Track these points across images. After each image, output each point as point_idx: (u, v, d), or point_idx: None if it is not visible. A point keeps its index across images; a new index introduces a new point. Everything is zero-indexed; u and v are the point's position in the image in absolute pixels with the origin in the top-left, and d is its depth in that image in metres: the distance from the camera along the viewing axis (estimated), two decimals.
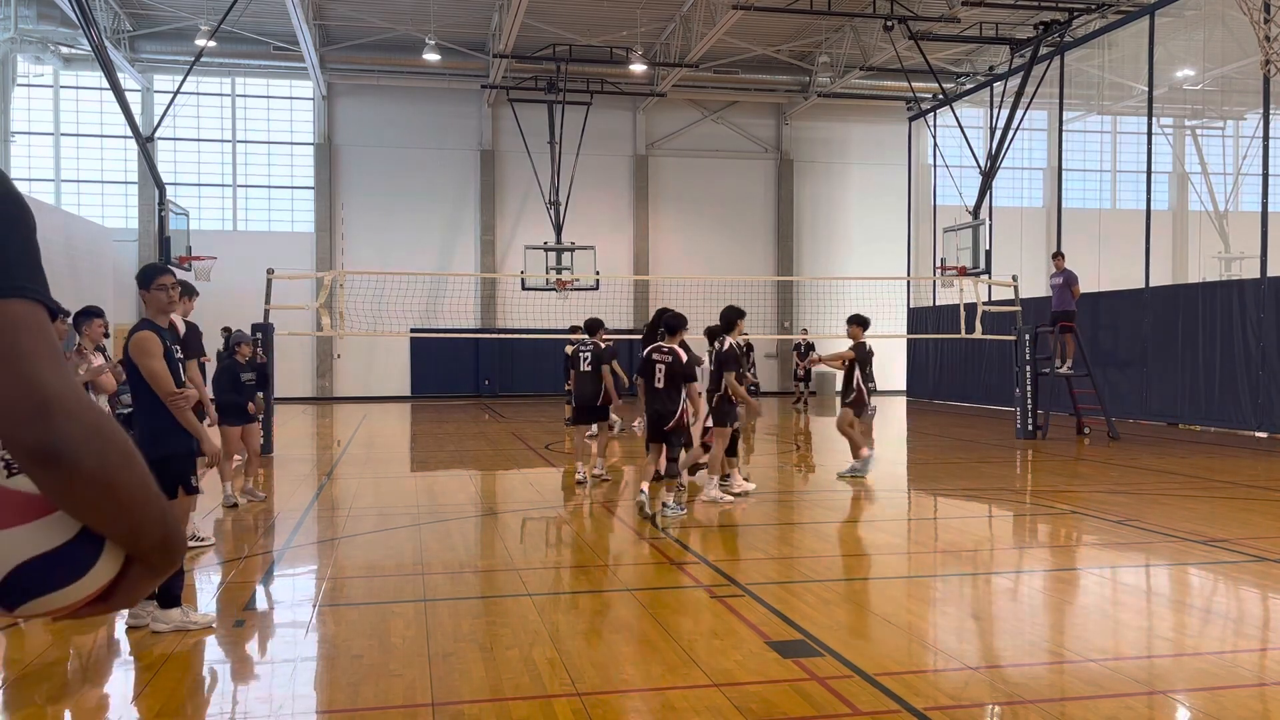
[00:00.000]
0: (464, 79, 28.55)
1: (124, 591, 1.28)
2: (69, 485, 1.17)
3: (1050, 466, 13.60)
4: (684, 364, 9.11)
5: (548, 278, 25.08)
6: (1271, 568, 7.08)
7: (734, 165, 31.30)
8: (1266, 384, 16.72)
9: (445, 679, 4.67)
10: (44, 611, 1.25)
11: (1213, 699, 4.41)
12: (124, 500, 1.20)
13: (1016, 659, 5.11)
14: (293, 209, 29.20)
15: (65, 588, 1.22)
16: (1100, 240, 25.20)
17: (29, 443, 1.14)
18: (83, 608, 1.27)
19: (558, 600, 6.30)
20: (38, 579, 1.21)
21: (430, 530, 8.59)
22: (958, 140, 22.28)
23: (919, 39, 20.80)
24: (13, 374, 1.14)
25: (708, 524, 9.03)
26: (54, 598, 1.23)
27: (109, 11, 24.59)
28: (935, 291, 26.96)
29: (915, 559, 7.83)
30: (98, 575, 1.24)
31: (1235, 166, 30.46)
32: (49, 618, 1.30)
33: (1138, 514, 9.28)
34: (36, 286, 1.19)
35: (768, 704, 4.32)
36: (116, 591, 1.28)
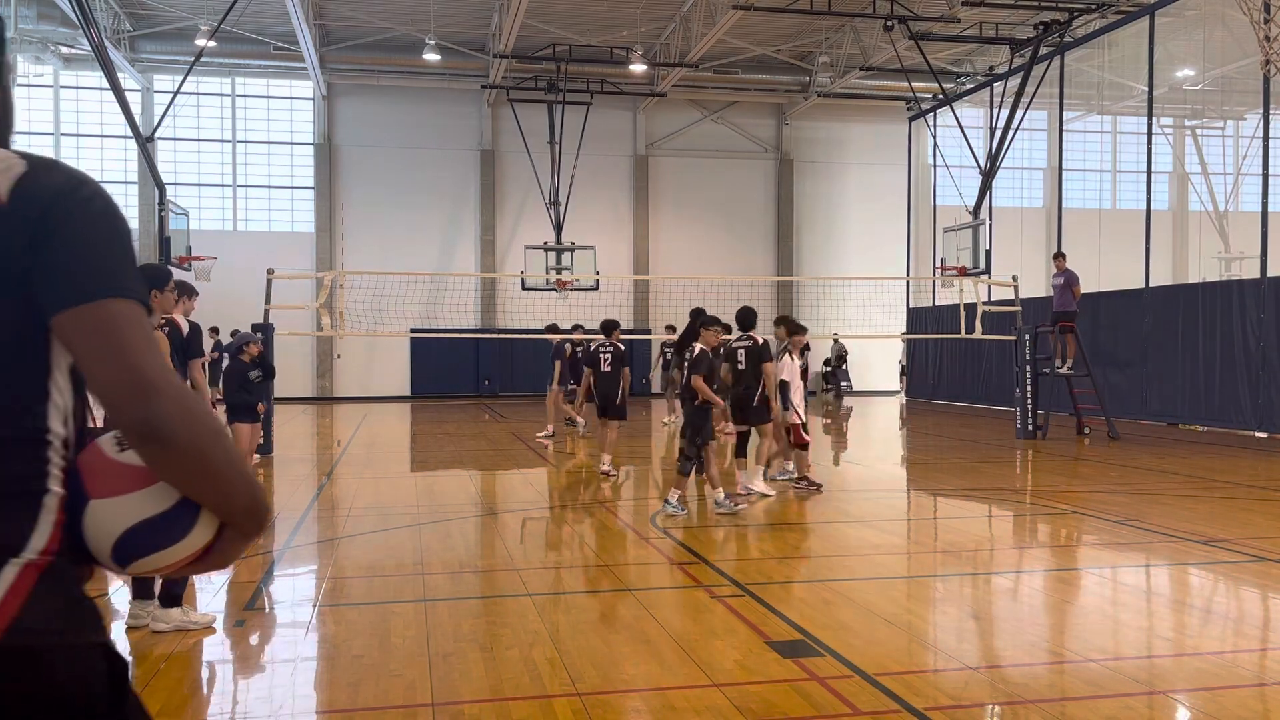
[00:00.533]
0: (464, 79, 28.55)
1: (219, 553, 1.48)
2: (166, 457, 1.37)
3: (1050, 466, 13.60)
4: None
5: (548, 278, 25.08)
6: (1271, 568, 7.08)
7: (734, 165, 31.30)
8: (1266, 384, 16.72)
9: (445, 679, 4.67)
10: (150, 569, 1.45)
11: (1213, 699, 4.41)
12: (213, 471, 1.40)
13: (1016, 659, 5.11)
14: (293, 209, 29.20)
15: (168, 548, 1.43)
16: (1100, 240, 25.19)
17: (133, 420, 1.35)
18: (184, 567, 1.47)
19: (558, 600, 6.30)
20: (145, 540, 1.41)
21: (430, 530, 8.59)
22: (958, 140, 22.27)
23: (919, 39, 20.80)
24: (119, 362, 1.35)
25: (708, 524, 9.03)
26: (158, 557, 1.44)
27: (109, 11, 24.59)
28: (935, 291, 26.96)
29: (915, 559, 7.83)
30: (195, 538, 1.44)
31: (1235, 166, 30.46)
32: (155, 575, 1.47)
33: (1138, 514, 9.28)
34: (136, 287, 1.41)
35: (768, 704, 4.32)
36: (212, 553, 1.47)
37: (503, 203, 29.95)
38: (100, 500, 1.41)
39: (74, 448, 1.46)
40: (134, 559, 1.43)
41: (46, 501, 1.40)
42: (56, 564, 1.39)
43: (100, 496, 1.41)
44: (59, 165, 1.47)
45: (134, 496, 1.41)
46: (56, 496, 1.42)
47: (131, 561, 1.44)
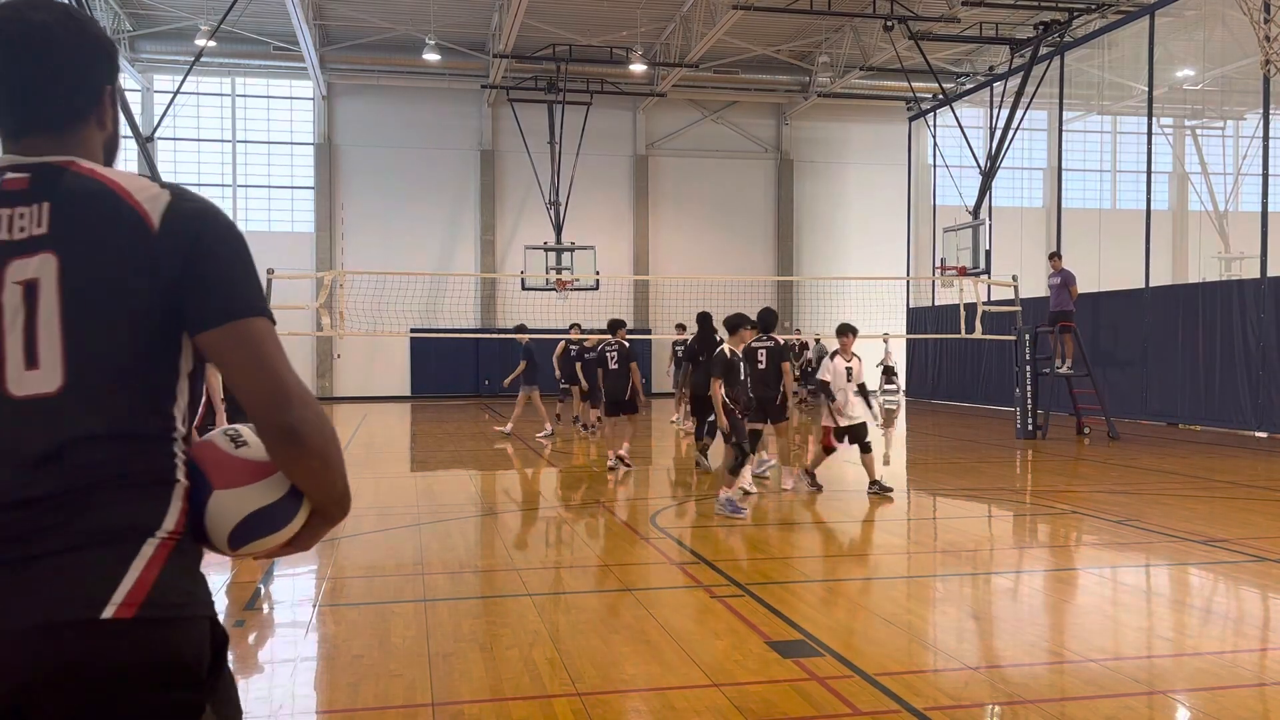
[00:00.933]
0: (464, 79, 28.55)
1: (307, 536, 1.71)
2: (301, 455, 1.59)
3: (1050, 466, 13.61)
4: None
5: (548, 278, 25.08)
6: (1271, 568, 7.08)
7: (734, 165, 31.30)
8: (1266, 384, 16.72)
9: (445, 679, 4.67)
10: (256, 551, 1.66)
11: (1213, 699, 4.41)
12: (330, 467, 1.63)
13: (1016, 659, 5.11)
14: (293, 209, 29.19)
15: (276, 532, 1.65)
16: (1100, 240, 25.19)
17: (277, 423, 1.57)
18: (278, 549, 1.69)
19: (558, 600, 6.30)
20: (260, 525, 1.63)
21: (430, 530, 8.59)
22: (958, 140, 22.27)
23: (919, 39, 20.80)
24: (264, 374, 1.57)
25: (708, 524, 9.03)
26: (266, 540, 1.65)
27: (109, 11, 24.57)
28: (935, 291, 26.96)
29: (915, 559, 7.84)
30: (296, 524, 1.67)
31: (1235, 166, 30.45)
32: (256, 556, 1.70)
33: (1138, 514, 9.28)
34: (266, 305, 1.62)
35: (768, 704, 4.32)
36: (302, 536, 1.69)
37: (503, 203, 29.94)
38: (225, 490, 1.61)
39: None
40: (247, 542, 1.64)
41: (176, 490, 1.59)
42: (183, 543, 1.58)
43: (224, 488, 1.61)
44: (192, 193, 1.65)
45: (254, 487, 1.62)
46: (183, 486, 1.60)
47: (245, 544, 1.65)
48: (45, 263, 1.53)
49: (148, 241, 1.55)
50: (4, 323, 1.53)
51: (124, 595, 1.48)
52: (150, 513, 1.55)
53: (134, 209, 1.56)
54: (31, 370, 1.52)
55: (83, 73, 1.65)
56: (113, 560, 1.50)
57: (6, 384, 1.53)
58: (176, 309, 1.57)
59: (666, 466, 13.43)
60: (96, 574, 1.48)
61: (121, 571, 1.49)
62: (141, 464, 1.57)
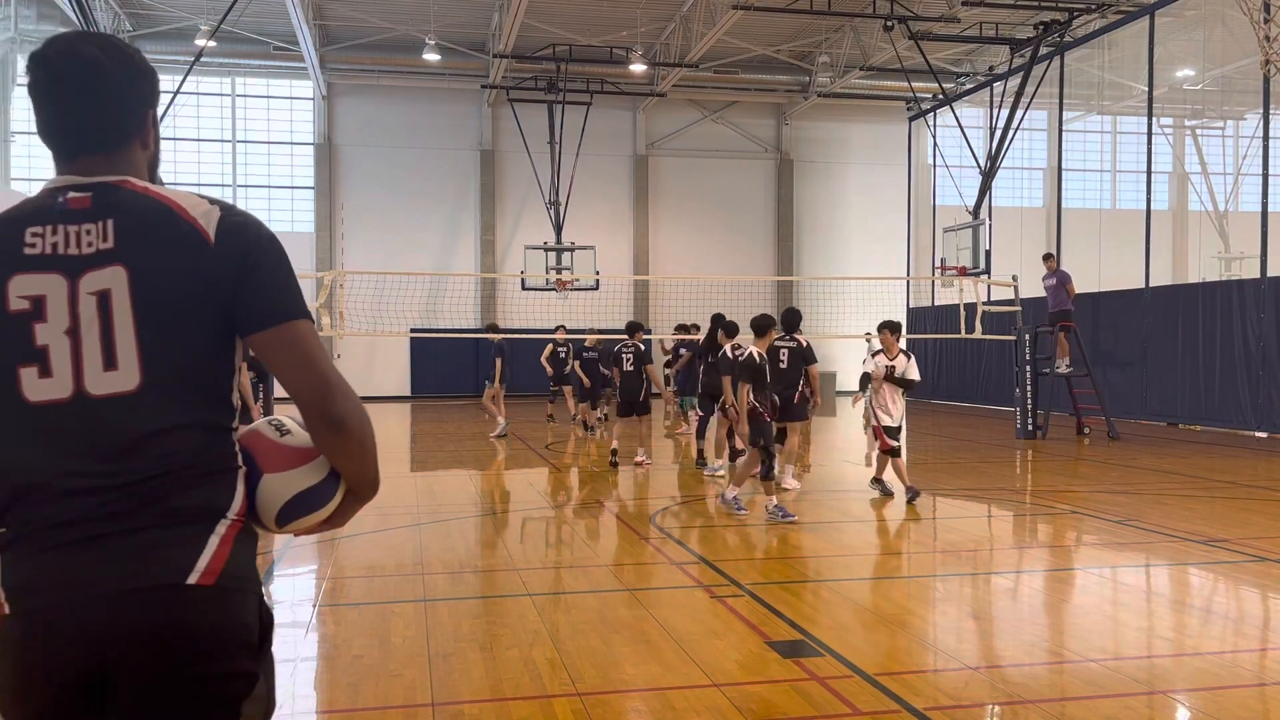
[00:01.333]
0: (464, 79, 28.54)
1: (342, 515, 1.92)
2: (344, 441, 1.81)
3: (1050, 466, 13.61)
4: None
5: (548, 278, 25.07)
6: (1271, 568, 7.08)
7: (734, 165, 31.29)
8: (1266, 384, 16.72)
9: (445, 679, 4.67)
10: (299, 528, 1.87)
11: (1213, 699, 4.41)
12: (367, 452, 1.84)
13: (1016, 659, 5.11)
14: (293, 209, 29.18)
15: (316, 511, 1.86)
16: (1100, 240, 25.19)
17: (324, 414, 1.78)
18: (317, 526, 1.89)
19: (558, 600, 6.30)
20: (303, 505, 1.84)
21: (430, 530, 8.59)
22: (958, 140, 22.26)
23: (919, 39, 20.79)
24: (310, 370, 1.78)
25: (708, 524, 9.03)
26: (308, 519, 1.86)
27: (109, 11, 24.57)
28: (935, 291, 26.95)
29: (915, 559, 7.84)
30: (333, 503, 1.87)
31: (1235, 166, 30.45)
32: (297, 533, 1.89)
33: (1138, 514, 9.28)
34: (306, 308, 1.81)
35: (768, 704, 4.33)
36: (338, 515, 1.91)
37: (503, 203, 29.94)
38: (273, 475, 1.82)
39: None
40: (291, 520, 1.85)
41: (238, 476, 1.80)
42: (246, 524, 1.80)
43: (273, 472, 1.82)
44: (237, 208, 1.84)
45: (299, 471, 1.83)
46: (241, 472, 1.81)
47: (289, 522, 1.85)
48: (116, 275, 1.71)
49: (205, 254, 1.74)
50: (80, 329, 1.70)
51: (205, 565, 1.70)
52: (221, 497, 1.76)
53: (192, 225, 1.76)
54: (110, 371, 1.71)
55: (128, 99, 1.82)
56: (194, 536, 1.71)
57: (85, 384, 1.71)
58: (230, 313, 1.77)
59: (666, 466, 13.43)
60: (181, 547, 1.70)
61: (201, 545, 1.71)
62: (210, 453, 1.77)
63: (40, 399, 1.70)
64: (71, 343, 1.70)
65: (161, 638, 1.66)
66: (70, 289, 1.70)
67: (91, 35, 1.82)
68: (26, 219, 1.75)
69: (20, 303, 1.70)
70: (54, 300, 1.70)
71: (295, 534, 1.91)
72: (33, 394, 1.70)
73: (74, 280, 1.70)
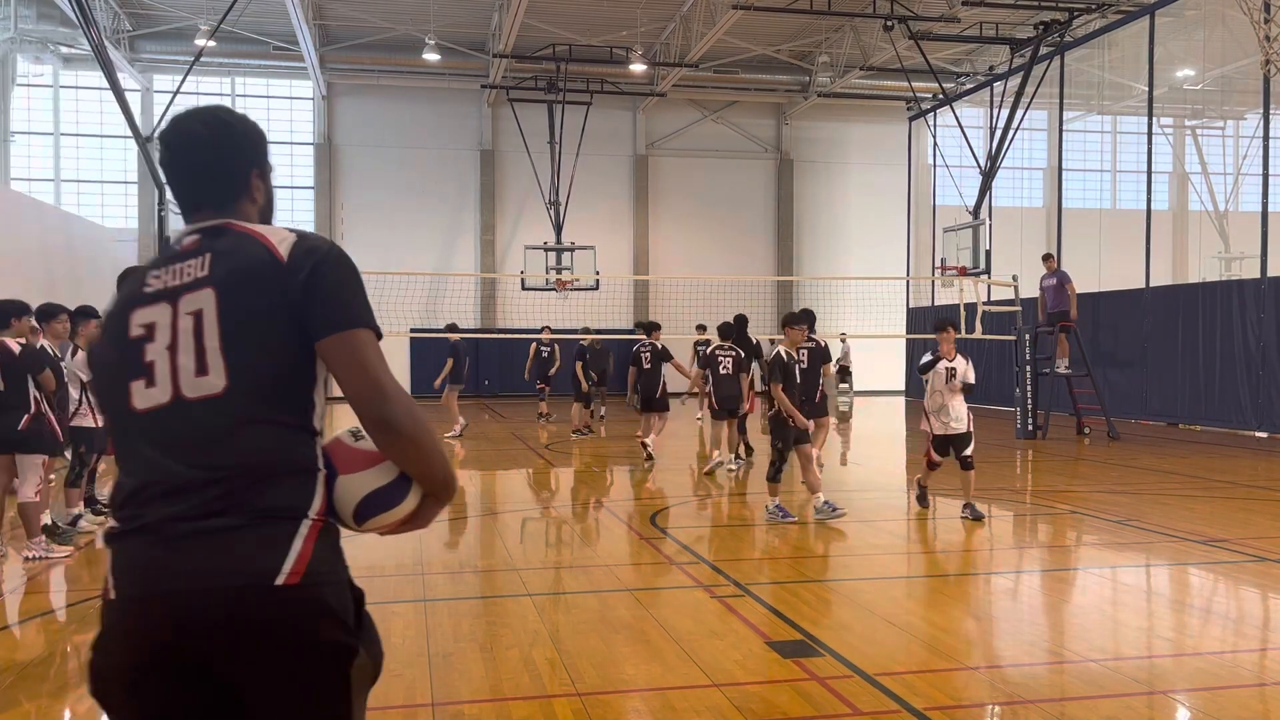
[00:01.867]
0: (464, 79, 28.53)
1: (423, 515, 2.07)
2: (396, 443, 1.97)
3: (1050, 466, 13.60)
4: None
5: (548, 278, 25.06)
6: (1271, 568, 7.08)
7: (734, 165, 31.28)
8: (1266, 384, 16.72)
9: (445, 679, 4.67)
10: (377, 527, 2.02)
11: (1213, 699, 4.41)
12: (425, 454, 1.99)
13: (1016, 659, 5.11)
14: (293, 209, 29.17)
15: (390, 510, 2.01)
16: (1100, 240, 25.18)
17: (374, 416, 1.96)
18: (398, 526, 2.05)
19: (558, 600, 6.30)
20: (376, 504, 2.00)
21: (430, 530, 8.56)
22: (958, 140, 22.25)
23: (919, 39, 20.78)
24: (364, 376, 1.96)
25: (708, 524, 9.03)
26: (384, 517, 2.01)
27: (109, 11, 24.57)
28: (935, 291, 26.94)
29: (915, 559, 7.83)
30: (408, 504, 2.02)
31: (1235, 166, 30.45)
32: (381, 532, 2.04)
33: (1138, 514, 9.27)
34: (371, 319, 2.01)
35: (768, 704, 4.32)
36: (418, 516, 2.06)
37: (503, 203, 29.93)
38: (346, 475, 1.99)
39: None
40: (368, 518, 2.01)
41: (319, 478, 1.98)
42: (327, 522, 1.97)
43: (346, 473, 1.99)
44: (313, 234, 2.09)
45: (369, 472, 1.99)
46: (322, 474, 1.99)
47: (366, 520, 2.01)
48: (206, 295, 1.97)
49: (279, 272, 1.97)
50: (179, 344, 1.96)
51: (290, 566, 1.88)
52: (302, 497, 1.94)
53: (269, 249, 2.00)
54: (201, 376, 1.94)
55: (232, 167, 2.13)
56: (281, 537, 1.90)
57: (181, 389, 1.94)
58: (302, 325, 1.96)
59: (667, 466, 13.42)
60: (269, 548, 1.88)
61: (287, 547, 1.89)
62: (291, 453, 1.96)
63: (146, 406, 1.96)
64: (170, 355, 1.96)
65: (255, 634, 1.86)
66: (173, 312, 1.98)
67: (200, 112, 2.14)
68: (152, 265, 2.09)
69: (138, 330, 2.00)
70: (161, 324, 1.98)
71: (379, 533, 2.05)
72: (140, 403, 1.97)
73: (175, 304, 1.98)
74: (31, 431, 7.44)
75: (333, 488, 1.99)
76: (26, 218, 22.42)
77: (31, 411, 7.43)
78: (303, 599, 1.89)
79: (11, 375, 7.39)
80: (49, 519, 7.99)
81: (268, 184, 2.23)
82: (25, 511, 7.40)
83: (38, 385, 7.47)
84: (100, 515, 9.07)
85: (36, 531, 7.47)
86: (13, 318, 7.57)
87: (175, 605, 1.85)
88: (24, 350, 7.49)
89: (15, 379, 7.39)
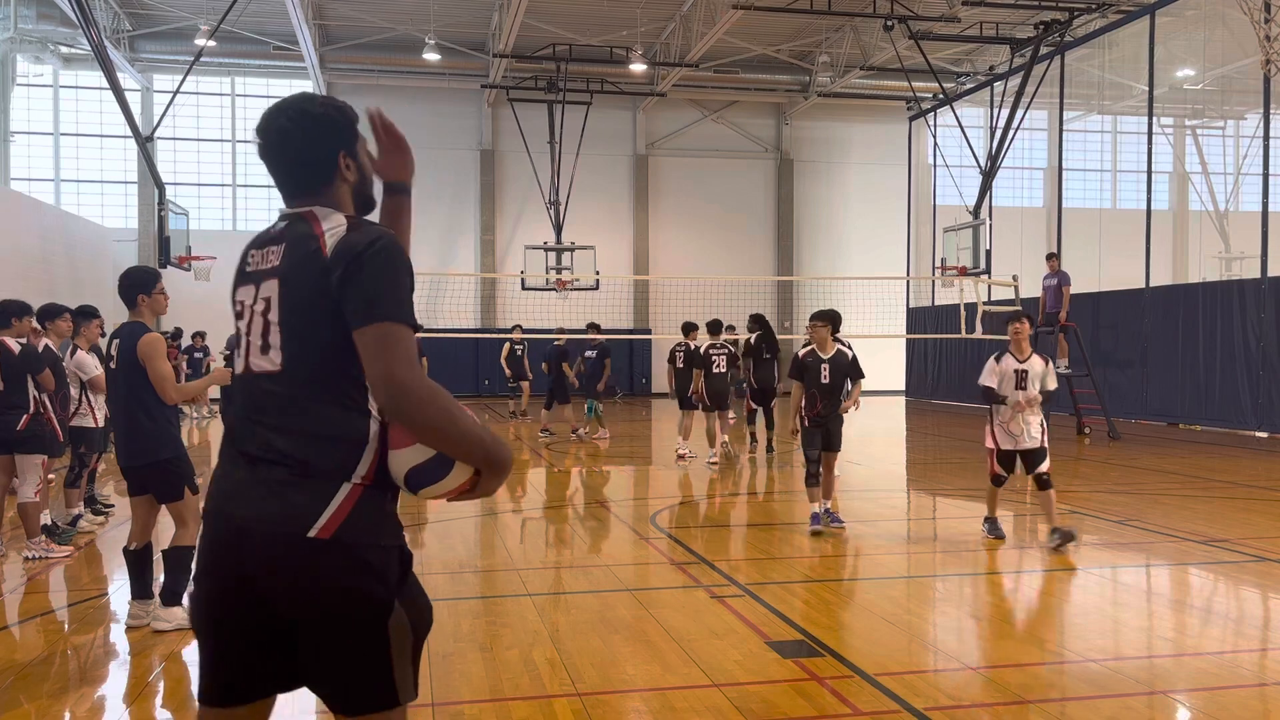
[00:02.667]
0: (464, 79, 28.54)
1: (483, 486, 2.22)
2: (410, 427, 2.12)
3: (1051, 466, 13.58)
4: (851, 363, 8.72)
5: (548, 278, 25.05)
6: (1271, 568, 7.08)
7: (734, 165, 31.28)
8: (1266, 384, 16.72)
9: (445, 679, 4.67)
10: (434, 495, 2.21)
11: (1213, 699, 4.41)
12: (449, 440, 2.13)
13: (1016, 659, 5.11)
14: None
15: (438, 482, 2.18)
16: (1100, 240, 25.19)
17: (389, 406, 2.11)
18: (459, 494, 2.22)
19: (558, 600, 6.30)
20: (422, 476, 2.18)
21: (430, 530, 8.59)
22: (958, 140, 22.26)
23: (919, 39, 20.78)
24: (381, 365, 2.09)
25: (708, 524, 9.02)
26: (435, 488, 2.20)
27: (109, 11, 24.57)
28: (935, 291, 26.95)
29: (915, 559, 7.83)
30: (456, 476, 2.18)
31: (1235, 166, 30.45)
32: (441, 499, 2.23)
33: (1138, 514, 9.27)
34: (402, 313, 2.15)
35: (768, 704, 4.32)
36: (478, 487, 2.22)
37: (503, 203, 29.93)
38: (393, 450, 2.19)
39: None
40: (420, 488, 2.20)
41: (368, 448, 2.19)
42: (372, 487, 2.18)
43: (394, 449, 2.19)
44: (366, 225, 2.28)
45: (409, 450, 2.16)
46: (374, 446, 2.19)
47: (418, 489, 2.20)
48: (273, 285, 2.24)
49: (323, 264, 2.18)
50: (253, 325, 2.26)
51: (324, 521, 2.11)
52: (349, 461, 2.16)
53: (319, 241, 2.21)
54: (264, 355, 2.23)
55: (319, 154, 2.33)
56: (322, 491, 2.13)
57: (250, 362, 2.26)
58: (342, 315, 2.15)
59: (667, 465, 13.43)
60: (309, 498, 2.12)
61: (324, 505, 2.12)
62: (339, 428, 2.18)
63: (239, 371, 2.31)
64: (248, 333, 2.27)
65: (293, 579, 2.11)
66: (255, 294, 2.28)
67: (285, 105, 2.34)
68: (252, 244, 2.38)
69: (238, 305, 2.32)
70: (247, 304, 2.29)
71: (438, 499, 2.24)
72: (238, 368, 2.31)
73: (258, 287, 2.28)
74: (31, 431, 7.45)
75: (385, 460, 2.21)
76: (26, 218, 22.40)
77: (31, 411, 7.44)
78: (334, 552, 2.10)
79: (11, 375, 7.40)
80: (49, 519, 7.99)
81: (359, 162, 2.41)
82: (25, 511, 7.41)
83: (38, 385, 7.47)
84: (100, 515, 9.07)
85: (36, 531, 7.47)
86: (13, 317, 7.58)
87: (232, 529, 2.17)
88: (24, 350, 7.50)
89: (15, 379, 7.40)
